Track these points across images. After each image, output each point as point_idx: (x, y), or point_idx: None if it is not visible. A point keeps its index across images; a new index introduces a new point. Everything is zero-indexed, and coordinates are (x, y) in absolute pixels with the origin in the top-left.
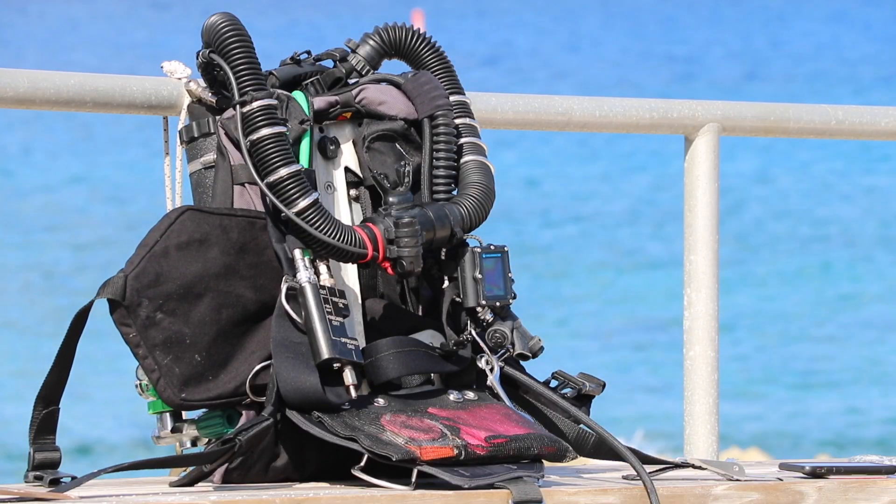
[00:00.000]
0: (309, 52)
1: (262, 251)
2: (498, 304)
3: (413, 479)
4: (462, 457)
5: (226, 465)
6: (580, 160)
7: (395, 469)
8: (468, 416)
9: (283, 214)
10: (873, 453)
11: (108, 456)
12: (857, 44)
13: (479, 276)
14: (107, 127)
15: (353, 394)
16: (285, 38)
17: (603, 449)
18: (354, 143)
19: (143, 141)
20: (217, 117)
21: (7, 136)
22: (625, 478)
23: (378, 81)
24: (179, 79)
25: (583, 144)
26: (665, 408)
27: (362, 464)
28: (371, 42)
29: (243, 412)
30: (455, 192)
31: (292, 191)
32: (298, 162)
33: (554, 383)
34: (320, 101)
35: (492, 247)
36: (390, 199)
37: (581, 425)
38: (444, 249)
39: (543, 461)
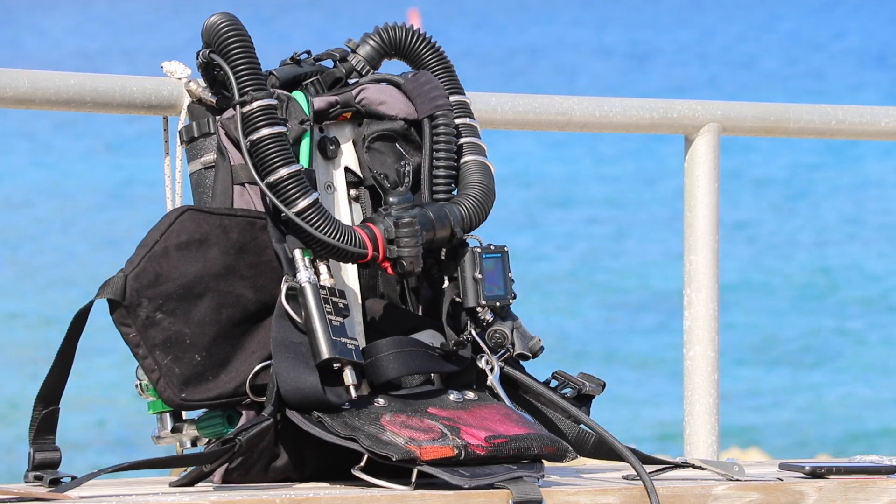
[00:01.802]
0: (309, 52)
1: (262, 251)
2: (498, 304)
3: (413, 479)
4: (462, 457)
5: (226, 465)
6: None
7: (395, 469)
8: (468, 416)
9: (283, 214)
10: (873, 453)
11: None
12: None
13: (479, 276)
14: None
15: (353, 394)
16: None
17: (603, 449)
18: (354, 143)
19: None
20: (217, 117)
21: None
22: (625, 478)
23: (378, 81)
24: (179, 79)
25: None
26: None
27: (362, 464)
28: (371, 42)
29: (243, 412)
30: (455, 192)
31: (292, 191)
32: (298, 162)
33: (554, 383)
34: (320, 101)
35: (492, 247)
36: (390, 199)
37: (581, 425)
38: (444, 249)
39: (543, 461)
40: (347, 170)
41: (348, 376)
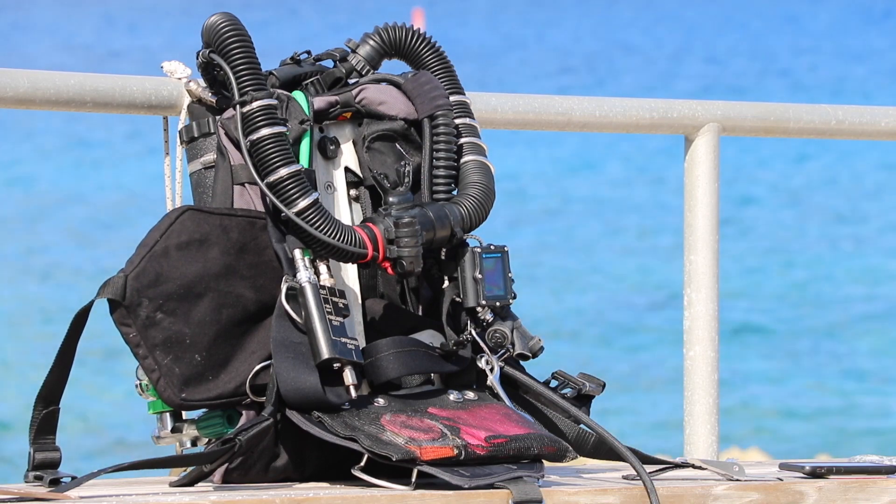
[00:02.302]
0: (309, 52)
1: (262, 251)
2: (498, 304)
3: (413, 479)
4: (462, 457)
5: (226, 465)
6: None
7: (395, 469)
8: (468, 416)
9: (283, 214)
10: (873, 453)
11: None
12: None
13: (479, 276)
14: None
15: (353, 394)
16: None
17: (603, 449)
18: (354, 143)
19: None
20: (217, 117)
21: None
22: (625, 478)
23: (378, 81)
24: (179, 79)
25: None
26: None
27: (362, 464)
28: (371, 42)
29: (243, 412)
30: (455, 192)
31: (292, 191)
32: (298, 162)
33: (554, 383)
34: (320, 101)
35: (492, 247)
36: (390, 199)
37: (581, 425)
38: (444, 249)
39: (543, 461)
40: (347, 170)
41: (348, 376)
